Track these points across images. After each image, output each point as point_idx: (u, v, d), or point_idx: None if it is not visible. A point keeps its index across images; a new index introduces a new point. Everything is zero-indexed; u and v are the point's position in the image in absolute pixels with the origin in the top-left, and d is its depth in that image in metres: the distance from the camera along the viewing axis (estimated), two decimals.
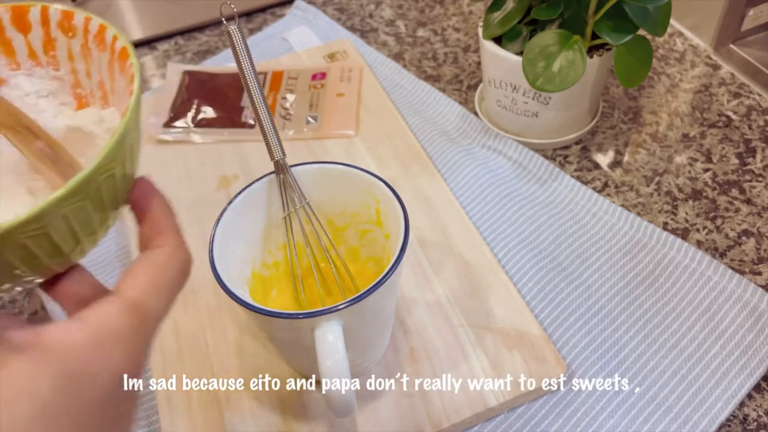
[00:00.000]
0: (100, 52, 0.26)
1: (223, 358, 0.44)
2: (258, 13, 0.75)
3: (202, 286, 0.48)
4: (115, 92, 0.27)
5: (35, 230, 0.21)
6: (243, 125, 0.59)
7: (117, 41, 0.26)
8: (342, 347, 0.33)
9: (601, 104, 0.60)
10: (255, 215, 0.40)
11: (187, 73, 0.64)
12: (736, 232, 0.51)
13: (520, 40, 0.52)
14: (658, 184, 0.54)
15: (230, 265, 0.37)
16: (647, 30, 0.48)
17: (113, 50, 0.26)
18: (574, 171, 0.56)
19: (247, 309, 0.33)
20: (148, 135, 0.59)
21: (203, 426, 0.41)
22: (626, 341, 0.44)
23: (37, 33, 0.27)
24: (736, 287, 0.46)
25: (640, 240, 0.49)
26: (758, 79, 0.62)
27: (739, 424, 0.41)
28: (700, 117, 0.60)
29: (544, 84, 0.48)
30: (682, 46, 0.67)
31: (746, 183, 0.54)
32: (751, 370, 0.42)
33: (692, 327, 0.45)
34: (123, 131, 0.22)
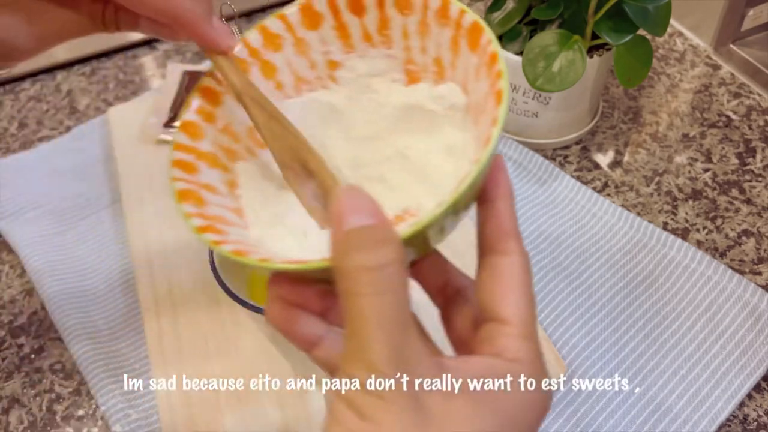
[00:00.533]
0: (441, 27, 0.26)
1: (223, 358, 0.44)
2: (258, 13, 0.75)
3: (203, 286, 0.48)
4: (457, 67, 0.26)
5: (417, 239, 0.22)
6: None
7: (465, 15, 0.25)
8: None
9: (601, 104, 0.60)
10: None
11: (187, 73, 0.64)
12: (736, 232, 0.51)
13: (520, 40, 0.52)
14: (658, 184, 0.54)
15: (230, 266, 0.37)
16: (647, 30, 0.48)
17: (459, 25, 0.25)
18: (574, 171, 0.56)
19: (247, 309, 0.33)
20: (148, 135, 0.59)
21: (203, 426, 0.41)
22: (626, 341, 0.44)
23: (372, 15, 0.27)
24: (736, 287, 0.46)
25: (640, 240, 0.49)
26: (758, 79, 0.62)
27: (739, 424, 0.41)
28: (700, 117, 0.60)
29: (544, 84, 0.48)
30: (682, 46, 0.67)
31: (746, 183, 0.54)
32: (751, 370, 0.42)
33: (692, 327, 0.45)
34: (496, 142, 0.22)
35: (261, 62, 0.29)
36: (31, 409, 0.44)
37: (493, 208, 0.24)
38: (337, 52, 0.29)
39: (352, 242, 0.20)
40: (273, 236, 0.27)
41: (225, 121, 0.28)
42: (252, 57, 0.28)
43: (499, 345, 0.22)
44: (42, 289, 0.48)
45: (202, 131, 0.28)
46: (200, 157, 0.27)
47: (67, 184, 0.56)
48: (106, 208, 0.55)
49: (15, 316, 0.49)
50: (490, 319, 0.23)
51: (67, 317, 0.46)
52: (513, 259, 0.23)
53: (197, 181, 0.27)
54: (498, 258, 0.24)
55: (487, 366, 0.21)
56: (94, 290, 0.49)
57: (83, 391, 0.44)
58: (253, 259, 0.23)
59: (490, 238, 0.24)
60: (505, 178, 0.24)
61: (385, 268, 0.19)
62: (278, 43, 0.29)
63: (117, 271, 0.50)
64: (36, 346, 0.47)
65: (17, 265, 0.52)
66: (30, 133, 0.63)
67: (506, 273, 0.23)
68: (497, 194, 0.24)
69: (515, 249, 0.24)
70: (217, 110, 0.28)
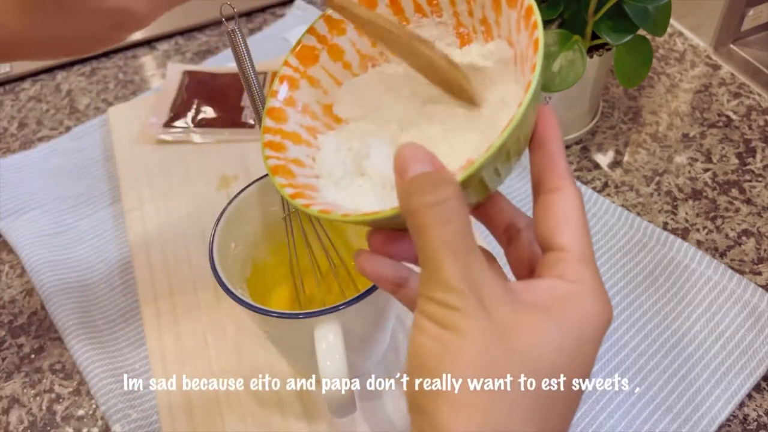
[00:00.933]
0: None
1: (223, 358, 0.44)
2: (258, 13, 0.75)
3: (202, 286, 0.48)
4: (501, 24, 0.29)
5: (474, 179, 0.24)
6: (243, 125, 0.59)
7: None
8: (342, 347, 0.33)
9: (601, 104, 0.60)
10: (255, 215, 0.40)
11: (187, 73, 0.64)
12: (736, 232, 0.51)
13: None
14: (658, 184, 0.54)
15: (230, 265, 0.37)
16: (647, 30, 0.48)
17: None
18: (574, 171, 0.56)
19: (247, 309, 0.33)
20: (148, 135, 0.59)
21: (203, 426, 0.41)
22: (626, 341, 0.44)
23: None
24: (736, 287, 0.46)
25: (640, 240, 0.49)
26: (758, 79, 0.62)
27: (739, 424, 0.41)
28: (700, 117, 0.60)
29: (544, 84, 0.48)
30: (682, 46, 0.67)
31: (746, 183, 0.54)
32: (751, 370, 0.42)
33: (692, 327, 0.45)
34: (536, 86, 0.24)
35: (329, 47, 0.32)
36: (31, 409, 0.44)
37: (545, 151, 0.26)
38: (366, 48, 0.32)
39: (415, 186, 0.23)
40: (352, 194, 0.31)
41: (303, 102, 0.33)
42: (320, 43, 0.32)
43: (560, 269, 0.24)
44: (42, 289, 0.48)
45: (285, 114, 0.32)
46: (285, 136, 0.32)
47: (67, 184, 0.56)
48: (106, 208, 0.55)
49: (15, 316, 0.49)
50: (550, 249, 0.25)
51: (67, 317, 0.46)
52: (566, 194, 0.26)
53: (286, 157, 0.31)
54: (553, 194, 0.26)
55: (550, 286, 0.24)
56: (94, 290, 0.49)
57: (83, 391, 0.44)
58: (337, 215, 0.26)
59: (544, 178, 0.26)
60: (554, 124, 0.27)
61: (445, 203, 0.22)
62: (342, 28, 0.32)
63: (117, 270, 0.50)
64: (36, 346, 0.47)
65: (17, 265, 0.52)
66: (30, 133, 0.63)
67: (561, 206, 0.25)
68: (548, 138, 0.27)
69: (568, 185, 0.26)
70: (296, 93, 0.32)
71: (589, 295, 0.24)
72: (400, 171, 0.23)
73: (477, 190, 0.26)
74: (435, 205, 0.22)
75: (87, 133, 0.61)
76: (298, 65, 0.32)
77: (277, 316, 0.33)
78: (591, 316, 0.23)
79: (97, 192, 0.56)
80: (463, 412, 0.21)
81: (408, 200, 0.23)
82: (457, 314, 0.21)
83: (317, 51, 0.32)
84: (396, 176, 0.24)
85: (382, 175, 0.31)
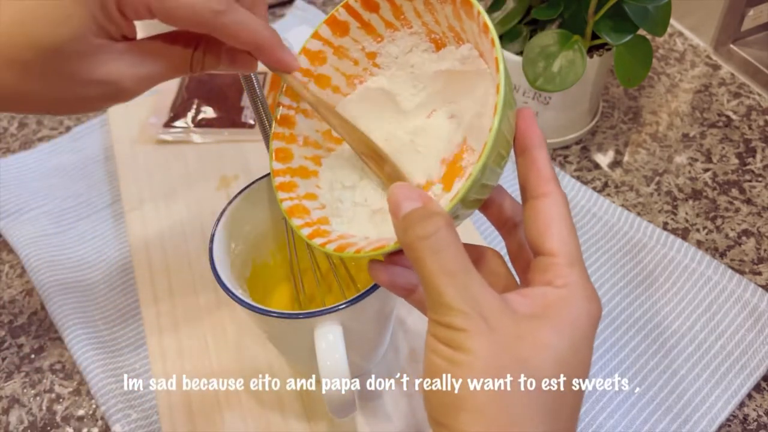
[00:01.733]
0: (442, 4, 0.31)
1: (223, 358, 0.44)
2: None
3: (203, 286, 0.48)
4: (467, 31, 0.30)
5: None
6: (243, 125, 0.59)
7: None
8: (342, 347, 0.33)
9: (601, 104, 0.60)
10: (255, 215, 0.40)
11: None
12: (736, 232, 0.51)
13: (520, 40, 0.52)
14: (658, 184, 0.54)
15: (230, 265, 0.37)
16: (647, 30, 0.48)
17: (454, 2, 0.30)
18: (574, 171, 0.56)
19: (247, 309, 0.33)
20: (148, 135, 0.59)
21: (203, 426, 0.41)
22: (626, 341, 0.44)
23: (385, 7, 0.32)
24: (736, 287, 0.46)
25: (640, 240, 0.49)
26: (758, 79, 0.62)
27: (739, 424, 0.41)
28: (700, 117, 0.60)
29: (544, 84, 0.48)
30: (682, 46, 0.67)
31: (746, 183, 0.54)
32: (751, 370, 0.42)
33: (692, 327, 0.45)
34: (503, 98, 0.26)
35: (315, 77, 0.34)
36: (31, 409, 0.44)
37: (529, 157, 0.28)
38: (371, 45, 0.34)
39: (408, 223, 0.25)
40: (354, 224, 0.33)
41: (303, 135, 0.35)
42: (306, 76, 0.34)
43: (550, 274, 0.26)
44: (42, 289, 0.48)
45: (290, 153, 0.34)
46: (294, 174, 0.34)
47: (67, 184, 0.56)
48: (106, 208, 0.55)
49: (15, 316, 0.49)
50: (540, 253, 0.27)
51: (67, 317, 0.46)
52: (551, 199, 0.27)
53: (297, 195, 0.34)
54: (538, 200, 0.27)
55: (543, 294, 0.26)
56: (94, 290, 0.49)
57: (83, 391, 0.44)
58: (350, 252, 0.29)
59: (530, 184, 0.28)
60: (535, 129, 0.28)
61: (436, 234, 0.24)
62: (322, 57, 0.34)
63: (117, 270, 0.50)
64: (36, 346, 0.47)
65: (17, 265, 0.52)
66: (30, 133, 0.63)
67: (547, 212, 0.27)
68: (531, 144, 0.28)
69: (553, 190, 0.27)
70: (294, 129, 0.35)
71: (579, 297, 0.25)
72: (394, 211, 0.26)
73: (471, 205, 0.28)
74: (426, 237, 0.24)
75: (87, 133, 0.61)
76: (290, 102, 0.34)
77: (277, 316, 0.33)
78: (582, 316, 0.25)
79: (97, 192, 0.56)
80: (480, 421, 0.23)
81: (404, 236, 0.25)
82: (463, 335, 0.23)
83: (305, 82, 0.34)
84: (391, 216, 0.26)
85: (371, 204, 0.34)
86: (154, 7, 0.28)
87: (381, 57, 0.34)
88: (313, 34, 0.34)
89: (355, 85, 0.35)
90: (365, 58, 0.35)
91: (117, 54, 0.29)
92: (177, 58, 0.31)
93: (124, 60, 0.29)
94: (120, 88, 0.30)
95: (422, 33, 0.33)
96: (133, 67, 0.30)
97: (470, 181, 0.25)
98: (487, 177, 0.27)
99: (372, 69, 0.35)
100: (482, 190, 0.28)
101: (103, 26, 0.28)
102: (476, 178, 0.26)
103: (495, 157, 0.26)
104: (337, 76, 0.35)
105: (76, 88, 0.29)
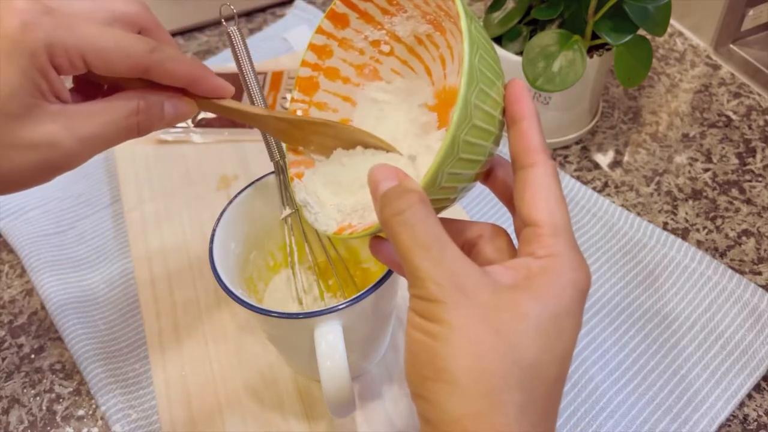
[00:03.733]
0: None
1: (223, 358, 0.44)
2: (258, 13, 0.75)
3: (203, 286, 0.48)
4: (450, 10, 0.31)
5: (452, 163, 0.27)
6: (243, 125, 0.59)
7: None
8: (342, 347, 0.33)
9: (601, 104, 0.60)
10: (255, 215, 0.40)
11: None
12: (736, 232, 0.51)
13: (520, 40, 0.52)
14: (658, 184, 0.54)
15: (230, 265, 0.37)
16: (647, 30, 0.48)
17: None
18: (574, 171, 0.56)
19: (247, 309, 0.33)
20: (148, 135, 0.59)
21: (203, 426, 0.41)
22: (626, 341, 0.44)
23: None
24: (736, 287, 0.46)
25: (640, 240, 0.49)
26: (758, 79, 0.62)
27: (739, 424, 0.41)
28: (700, 117, 0.60)
29: (544, 84, 0.48)
30: (682, 46, 0.67)
31: (746, 183, 0.54)
32: (751, 370, 0.42)
33: (692, 327, 0.45)
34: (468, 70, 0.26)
35: (324, 70, 0.35)
36: (31, 409, 0.44)
37: (519, 128, 0.28)
38: (373, 33, 0.35)
39: (384, 201, 0.26)
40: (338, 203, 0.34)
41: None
42: (315, 71, 0.35)
43: (533, 245, 0.26)
44: (42, 289, 0.48)
45: None
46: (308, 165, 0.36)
47: (67, 184, 0.56)
48: (106, 208, 0.55)
49: (15, 316, 0.49)
50: (527, 224, 0.27)
51: (67, 317, 0.46)
52: (539, 170, 0.27)
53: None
54: (527, 171, 0.27)
55: (526, 264, 0.25)
56: (94, 290, 0.49)
57: (83, 391, 0.44)
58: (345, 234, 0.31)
59: (519, 155, 0.28)
60: (527, 101, 0.28)
61: (410, 209, 0.25)
62: (329, 51, 0.35)
63: (117, 271, 0.50)
64: (36, 346, 0.47)
65: (17, 265, 0.52)
66: None
67: (535, 182, 0.27)
68: (520, 115, 0.28)
69: (541, 160, 0.27)
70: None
71: (564, 267, 0.25)
72: (372, 191, 0.26)
73: (456, 179, 0.28)
74: (400, 213, 0.25)
75: None
76: (303, 97, 0.35)
77: (277, 316, 0.33)
78: (566, 287, 0.25)
79: (97, 192, 0.56)
80: (456, 391, 0.23)
81: (381, 214, 0.26)
82: (441, 306, 0.23)
83: (315, 78, 0.35)
84: (372, 196, 0.27)
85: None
86: (89, 56, 0.27)
87: (384, 45, 0.35)
88: (317, 29, 0.34)
89: (365, 74, 0.36)
90: (370, 47, 0.35)
91: (52, 115, 0.28)
92: (120, 118, 0.30)
93: (60, 121, 0.28)
94: (61, 153, 0.28)
95: (417, 15, 0.33)
96: (72, 129, 0.28)
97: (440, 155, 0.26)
98: (463, 149, 0.27)
99: (379, 56, 0.36)
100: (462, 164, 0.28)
101: (35, 83, 0.27)
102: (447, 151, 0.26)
103: (469, 129, 0.26)
104: (346, 66, 0.36)
105: (10, 154, 0.27)
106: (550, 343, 0.24)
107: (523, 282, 0.25)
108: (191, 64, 0.31)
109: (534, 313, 0.24)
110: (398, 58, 0.35)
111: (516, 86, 0.29)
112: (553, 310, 0.24)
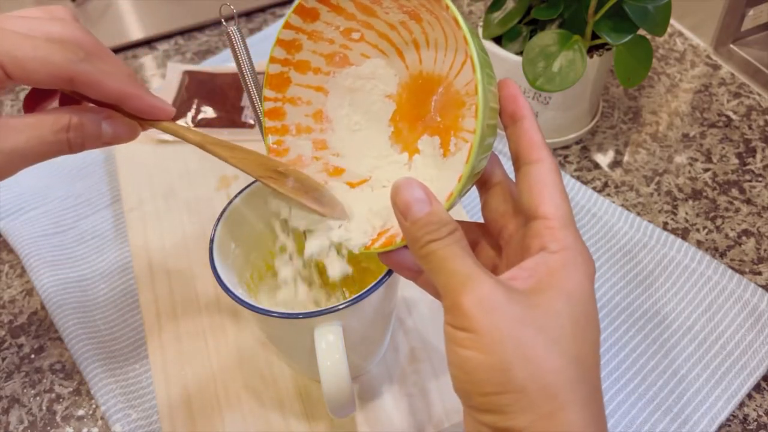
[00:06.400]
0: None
1: (223, 358, 0.44)
2: (258, 13, 0.75)
3: (203, 286, 0.48)
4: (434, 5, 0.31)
5: None
6: (243, 125, 0.59)
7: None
8: (342, 347, 0.33)
9: (601, 104, 0.60)
10: (255, 215, 0.40)
11: (186, 73, 0.64)
12: (736, 232, 0.51)
13: (520, 40, 0.52)
14: (658, 184, 0.54)
15: (230, 265, 0.37)
16: (647, 30, 0.48)
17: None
18: (574, 171, 0.56)
19: (247, 309, 0.33)
20: (148, 135, 0.59)
21: (203, 426, 0.41)
22: (626, 341, 0.44)
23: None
24: (736, 287, 0.46)
25: (640, 240, 0.49)
26: (758, 79, 0.62)
27: (739, 424, 0.41)
28: (700, 117, 0.60)
29: (544, 84, 0.48)
30: (682, 46, 0.67)
31: (746, 183, 0.54)
32: (751, 370, 0.42)
33: (692, 327, 0.45)
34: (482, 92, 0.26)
35: (294, 64, 0.35)
36: (31, 409, 0.44)
37: (520, 126, 0.29)
38: (344, 23, 0.34)
39: (420, 230, 0.26)
40: None
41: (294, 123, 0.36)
42: (285, 66, 0.35)
43: (545, 238, 0.27)
44: (42, 289, 0.48)
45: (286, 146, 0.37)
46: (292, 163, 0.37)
47: (67, 184, 0.56)
48: (106, 208, 0.55)
49: (15, 316, 0.49)
50: (535, 218, 0.27)
51: (67, 317, 0.46)
52: (544, 165, 0.28)
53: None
54: (532, 166, 0.28)
55: (544, 261, 0.26)
56: (94, 290, 0.49)
57: (83, 391, 0.44)
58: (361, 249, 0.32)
59: (522, 152, 0.29)
60: (524, 100, 0.29)
61: (446, 239, 0.26)
62: (298, 45, 0.35)
63: (117, 271, 0.50)
64: (36, 346, 0.47)
65: (17, 264, 0.52)
66: None
67: (541, 177, 0.28)
68: (521, 114, 0.29)
69: (545, 156, 0.28)
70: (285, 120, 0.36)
71: (577, 258, 0.26)
72: (402, 211, 0.27)
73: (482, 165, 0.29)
74: (438, 249, 0.26)
75: None
76: (275, 95, 0.35)
77: (277, 316, 0.33)
78: (584, 278, 0.26)
79: (97, 192, 0.56)
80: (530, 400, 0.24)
81: (415, 244, 0.27)
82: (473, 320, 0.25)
83: (286, 74, 0.35)
84: (398, 216, 0.27)
85: None
86: (8, 66, 0.27)
87: (356, 33, 0.35)
88: (284, 25, 0.34)
89: (336, 62, 0.36)
90: (341, 36, 0.35)
91: None
92: (48, 133, 0.29)
93: None
94: None
95: (393, 6, 0.33)
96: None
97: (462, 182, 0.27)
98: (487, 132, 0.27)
99: (348, 43, 0.35)
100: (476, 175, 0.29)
101: None
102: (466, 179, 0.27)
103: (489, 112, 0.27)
104: (316, 58, 0.35)
105: None
106: (585, 333, 0.25)
107: (546, 279, 0.26)
108: (123, 80, 0.30)
109: (566, 308, 0.25)
110: (368, 43, 0.35)
111: (511, 86, 0.29)
112: (580, 300, 0.26)
